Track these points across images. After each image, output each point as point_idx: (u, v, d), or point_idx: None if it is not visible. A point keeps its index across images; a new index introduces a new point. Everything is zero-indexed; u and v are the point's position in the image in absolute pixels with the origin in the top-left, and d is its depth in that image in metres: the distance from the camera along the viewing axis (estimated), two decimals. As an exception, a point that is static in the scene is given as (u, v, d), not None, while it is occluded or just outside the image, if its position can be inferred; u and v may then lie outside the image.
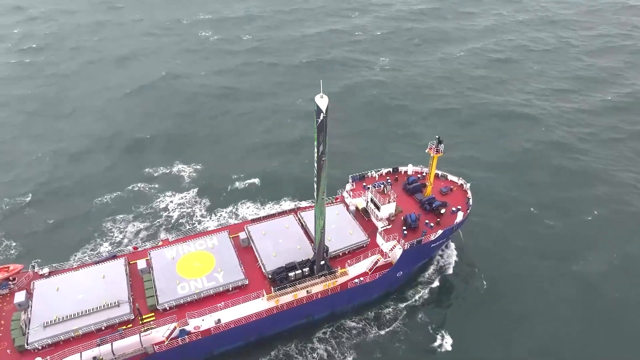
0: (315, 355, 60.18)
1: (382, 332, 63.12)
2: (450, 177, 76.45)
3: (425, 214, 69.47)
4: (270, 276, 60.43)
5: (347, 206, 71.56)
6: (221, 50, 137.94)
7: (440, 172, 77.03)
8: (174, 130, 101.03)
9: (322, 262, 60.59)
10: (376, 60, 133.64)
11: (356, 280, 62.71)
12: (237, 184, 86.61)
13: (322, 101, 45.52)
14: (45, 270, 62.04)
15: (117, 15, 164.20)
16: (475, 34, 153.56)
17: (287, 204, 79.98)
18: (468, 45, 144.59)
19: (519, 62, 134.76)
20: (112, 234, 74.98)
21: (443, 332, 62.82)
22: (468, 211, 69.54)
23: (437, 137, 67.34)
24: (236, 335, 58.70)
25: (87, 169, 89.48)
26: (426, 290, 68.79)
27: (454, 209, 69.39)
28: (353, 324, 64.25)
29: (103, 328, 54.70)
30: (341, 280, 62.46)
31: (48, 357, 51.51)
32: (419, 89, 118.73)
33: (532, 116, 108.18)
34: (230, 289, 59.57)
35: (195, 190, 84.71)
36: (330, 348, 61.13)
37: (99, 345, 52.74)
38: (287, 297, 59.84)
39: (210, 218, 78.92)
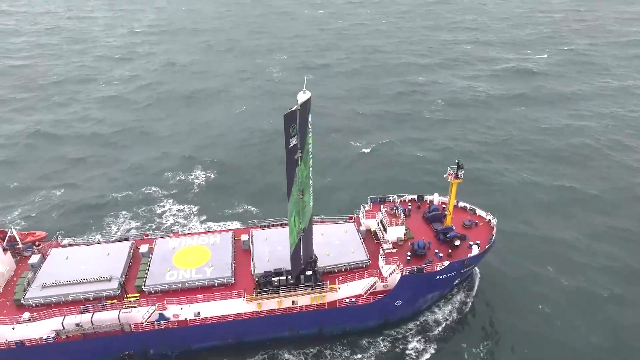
0: None
1: None
2: (478, 211, 69.90)
3: (439, 244, 63.75)
4: (257, 279, 59.18)
5: (359, 226, 68.54)
6: (286, 91, 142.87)
7: (468, 206, 70.97)
8: (211, 155, 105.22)
9: (309, 273, 58.03)
10: (446, 116, 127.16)
11: (347, 300, 58.81)
12: (241, 207, 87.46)
13: (302, 96, 46.00)
14: (66, 241, 67.85)
15: (209, 53, 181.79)
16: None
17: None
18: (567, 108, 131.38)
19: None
20: (109, 228, 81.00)
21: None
22: (487, 247, 62.41)
23: (457, 161, 62.54)
24: (213, 333, 57.75)
25: (123, 174, 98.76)
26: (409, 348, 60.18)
27: (471, 243, 62.79)
28: (290, 356, 59.12)
29: (91, 298, 57.39)
30: (331, 297, 58.97)
31: (35, 313, 55.19)
32: (494, 147, 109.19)
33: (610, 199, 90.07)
34: (216, 284, 59.33)
35: (198, 204, 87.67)
36: None
37: (81, 312, 55.31)
38: (269, 304, 57.85)
39: (199, 229, 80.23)
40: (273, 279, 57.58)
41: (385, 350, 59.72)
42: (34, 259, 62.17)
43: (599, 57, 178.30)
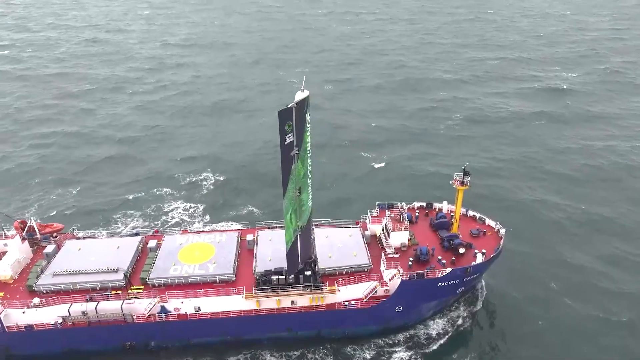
0: None
1: None
2: (488, 221, 68.66)
3: (443, 252, 62.86)
4: (257, 277, 59.82)
5: (365, 231, 68.44)
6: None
7: (478, 215, 69.83)
8: (226, 162, 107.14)
9: (309, 273, 58.23)
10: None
11: (346, 303, 58.58)
12: (246, 209, 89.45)
13: (300, 94, 47.28)
14: (81, 234, 70.65)
15: (235, 66, 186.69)
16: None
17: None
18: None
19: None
20: (116, 225, 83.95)
21: None
22: (492, 256, 61.07)
23: (463, 167, 61.92)
24: (212, 328, 58.54)
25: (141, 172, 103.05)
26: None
27: (476, 251, 61.61)
28: (272, 358, 58.78)
29: (97, 288, 59.37)
30: (330, 299, 58.89)
31: (44, 299, 57.52)
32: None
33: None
34: (217, 280, 60.35)
35: (205, 204, 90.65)
36: None
37: (87, 301, 57.28)
38: (268, 302, 58.29)
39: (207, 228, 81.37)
40: (272, 277, 58.09)
41: (369, 357, 58.85)
42: (49, 248, 65.04)
43: (634, 76, 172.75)
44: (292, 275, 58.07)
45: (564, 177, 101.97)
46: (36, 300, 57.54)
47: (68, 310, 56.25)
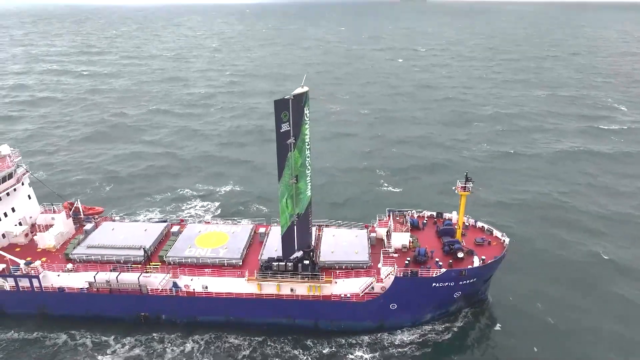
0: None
1: None
2: (495, 232, 68.85)
3: (444, 256, 63.97)
4: (261, 263, 64.14)
5: (372, 233, 71.01)
6: (336, 133, 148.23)
7: (486, 226, 70.24)
8: (252, 180, 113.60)
9: (307, 262, 61.65)
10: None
11: (342, 295, 61.10)
12: (262, 211, 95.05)
13: (299, 89, 52.76)
14: (118, 217, 79.20)
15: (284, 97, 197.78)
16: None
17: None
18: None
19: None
20: (137, 214, 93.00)
21: None
22: (490, 262, 61.27)
23: (465, 173, 63.57)
24: (217, 307, 63.04)
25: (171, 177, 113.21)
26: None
27: (476, 257, 62.16)
28: (235, 340, 61.63)
29: (121, 261, 66.52)
30: (327, 290, 61.70)
31: (76, 266, 65.40)
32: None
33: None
34: (225, 264, 65.40)
35: (218, 202, 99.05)
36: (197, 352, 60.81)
37: (111, 271, 64.42)
38: (269, 287, 62.15)
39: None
40: (273, 263, 62.16)
41: (326, 352, 60.03)
42: (89, 226, 73.84)
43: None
44: (292, 263, 61.74)
45: (594, 216, 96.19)
46: (69, 266, 65.56)
47: (94, 277, 63.49)
